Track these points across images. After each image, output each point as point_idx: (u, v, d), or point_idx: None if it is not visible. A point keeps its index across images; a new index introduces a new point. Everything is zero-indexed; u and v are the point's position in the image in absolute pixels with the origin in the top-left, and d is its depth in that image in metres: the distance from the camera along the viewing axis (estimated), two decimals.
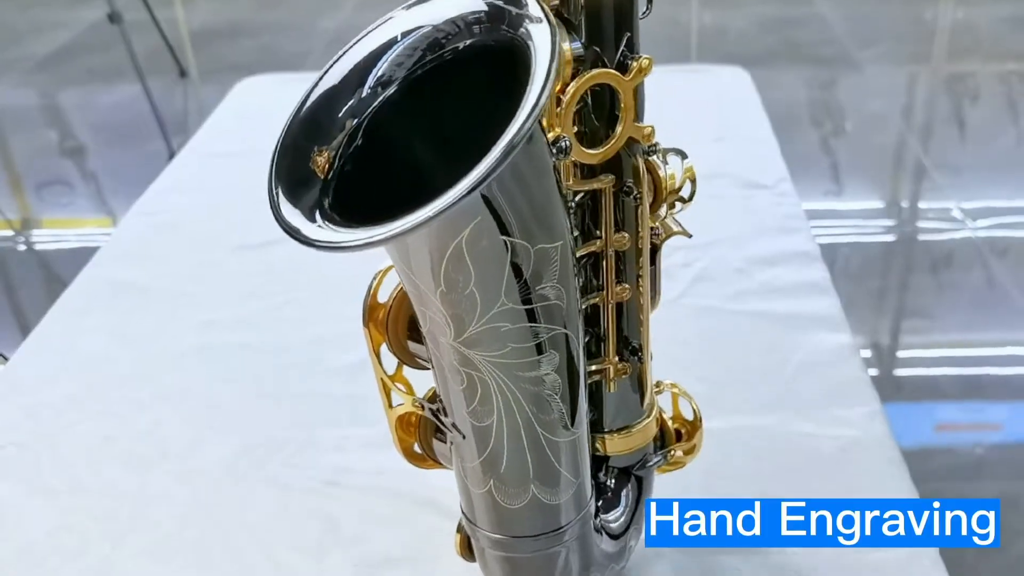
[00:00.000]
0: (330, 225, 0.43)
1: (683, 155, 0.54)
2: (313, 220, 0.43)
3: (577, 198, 0.52)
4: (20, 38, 2.76)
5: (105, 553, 0.66)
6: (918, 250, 1.70)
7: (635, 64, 0.48)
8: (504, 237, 0.44)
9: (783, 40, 2.68)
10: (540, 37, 0.43)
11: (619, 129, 0.50)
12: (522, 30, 0.44)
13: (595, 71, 0.48)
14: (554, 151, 0.46)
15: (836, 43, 2.65)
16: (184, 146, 1.42)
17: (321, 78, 0.48)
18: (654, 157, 0.52)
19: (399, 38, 0.48)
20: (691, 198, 0.54)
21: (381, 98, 0.48)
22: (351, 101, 0.48)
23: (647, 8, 0.49)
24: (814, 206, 1.79)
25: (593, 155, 0.50)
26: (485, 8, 0.46)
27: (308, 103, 0.47)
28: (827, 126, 2.21)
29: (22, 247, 1.79)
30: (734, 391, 0.78)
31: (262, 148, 0.45)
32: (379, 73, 0.48)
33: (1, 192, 1.99)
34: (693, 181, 0.54)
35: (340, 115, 0.48)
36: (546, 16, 0.44)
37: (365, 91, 0.48)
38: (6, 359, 0.93)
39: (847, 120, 2.25)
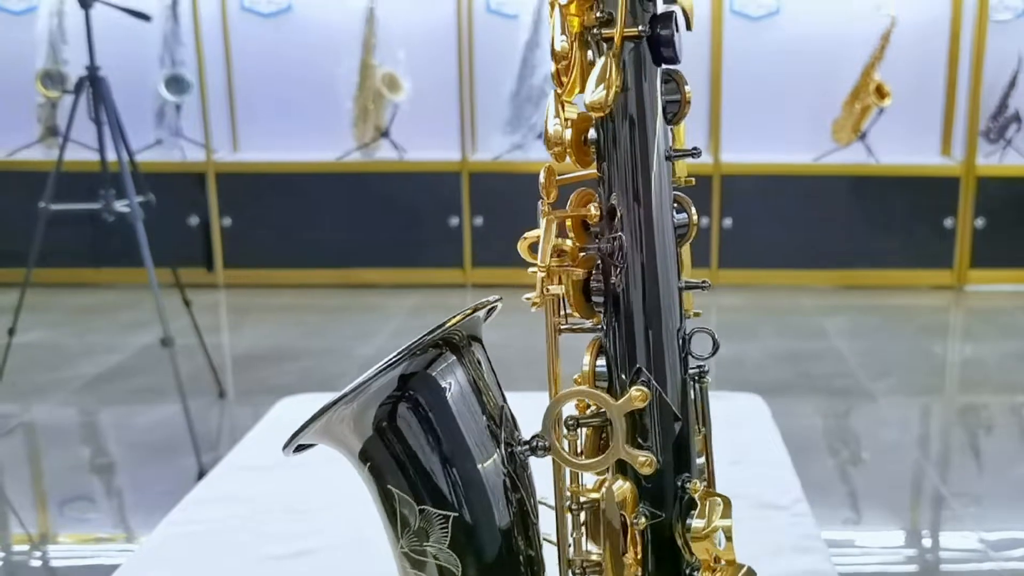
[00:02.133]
0: None
1: (725, 499, 0.56)
2: None
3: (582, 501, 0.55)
4: (73, 360, 2.93)
5: None
6: None
7: (632, 392, 0.53)
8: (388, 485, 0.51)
9: (798, 371, 2.78)
10: None
11: (608, 451, 0.53)
12: None
13: (580, 388, 0.53)
14: (527, 449, 0.51)
15: (850, 375, 2.74)
16: (217, 463, 1.48)
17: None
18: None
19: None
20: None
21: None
22: None
23: (713, 350, 0.55)
24: (834, 535, 1.79)
25: (576, 464, 0.54)
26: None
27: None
28: (844, 455, 2.24)
29: (36, 562, 1.80)
30: None
31: (297, 461, 0.52)
32: None
33: (26, 508, 2.03)
34: (729, 538, 0.56)
35: None
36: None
37: None
38: None
39: (863, 449, 2.28)
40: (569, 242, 0.56)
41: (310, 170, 3.75)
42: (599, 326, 0.55)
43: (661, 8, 0.52)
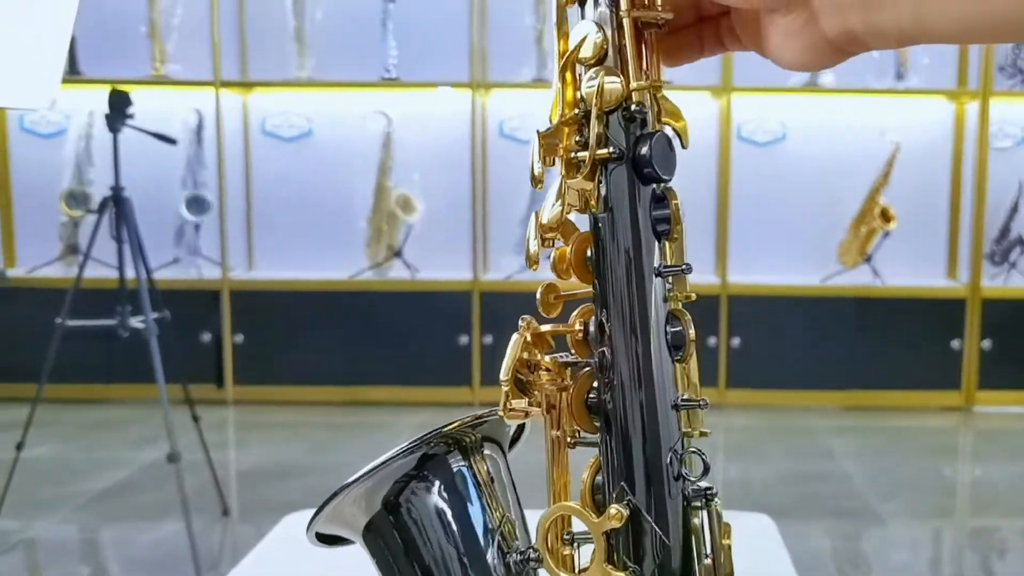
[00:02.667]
0: None
1: None
2: None
3: None
4: (79, 475, 2.93)
5: None
6: None
7: (611, 509, 0.54)
8: None
9: (806, 493, 2.75)
10: None
11: (590, 569, 0.54)
12: None
13: (563, 504, 0.55)
14: (519, 559, 0.52)
15: (858, 497, 2.71)
16: None
17: None
18: None
19: None
20: None
21: None
22: None
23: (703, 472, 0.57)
24: None
25: None
26: None
27: None
28: None
29: None
30: None
31: None
32: None
33: None
34: None
35: None
36: None
37: None
38: None
39: (873, 572, 2.24)
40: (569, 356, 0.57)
41: (323, 288, 3.81)
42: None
43: (647, 130, 0.55)
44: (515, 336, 0.55)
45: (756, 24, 0.54)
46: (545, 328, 0.57)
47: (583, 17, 0.55)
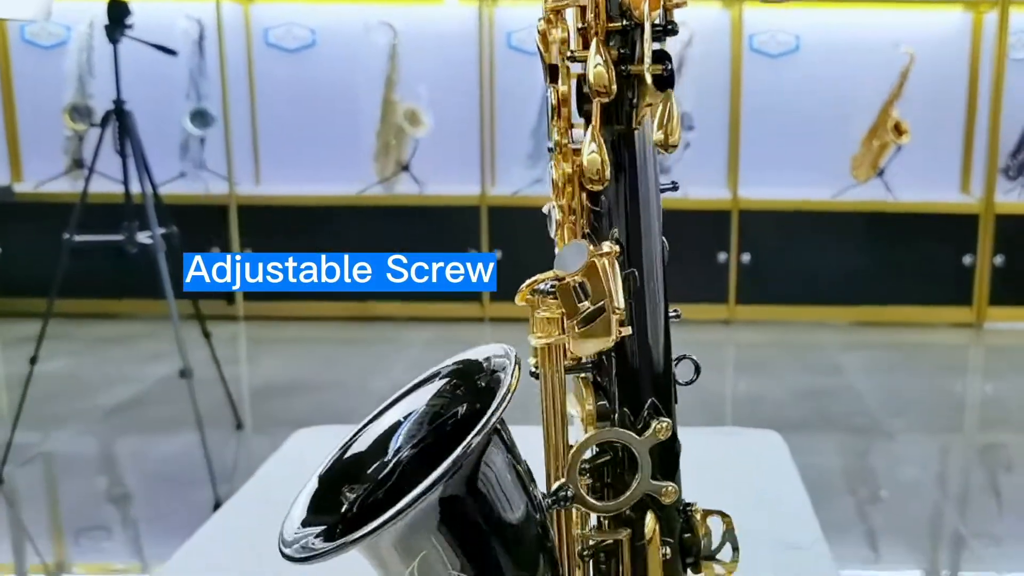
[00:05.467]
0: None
1: (725, 517, 0.55)
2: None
3: (591, 545, 0.55)
4: (93, 390, 2.95)
5: None
6: None
7: (654, 425, 0.53)
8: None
9: (816, 409, 2.77)
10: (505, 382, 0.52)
11: (634, 486, 0.53)
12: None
13: (605, 429, 0.53)
14: (552, 500, 0.51)
15: (868, 413, 2.73)
16: (233, 495, 1.48)
17: (354, 438, 0.58)
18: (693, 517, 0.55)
19: (405, 418, 0.58)
20: (735, 558, 0.55)
21: (397, 461, 0.57)
22: (375, 464, 0.57)
23: (695, 375, 0.55)
24: (852, 574, 1.77)
25: (603, 507, 0.54)
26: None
27: (345, 456, 0.56)
28: (862, 493, 2.22)
29: None
30: None
31: None
32: (397, 445, 0.57)
33: (43, 536, 2.05)
34: (735, 548, 0.56)
35: (369, 471, 0.57)
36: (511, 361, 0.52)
37: (388, 457, 0.57)
38: None
39: (882, 488, 2.27)
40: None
41: (330, 203, 3.79)
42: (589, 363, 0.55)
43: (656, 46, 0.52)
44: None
45: None
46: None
47: None
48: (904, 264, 3.73)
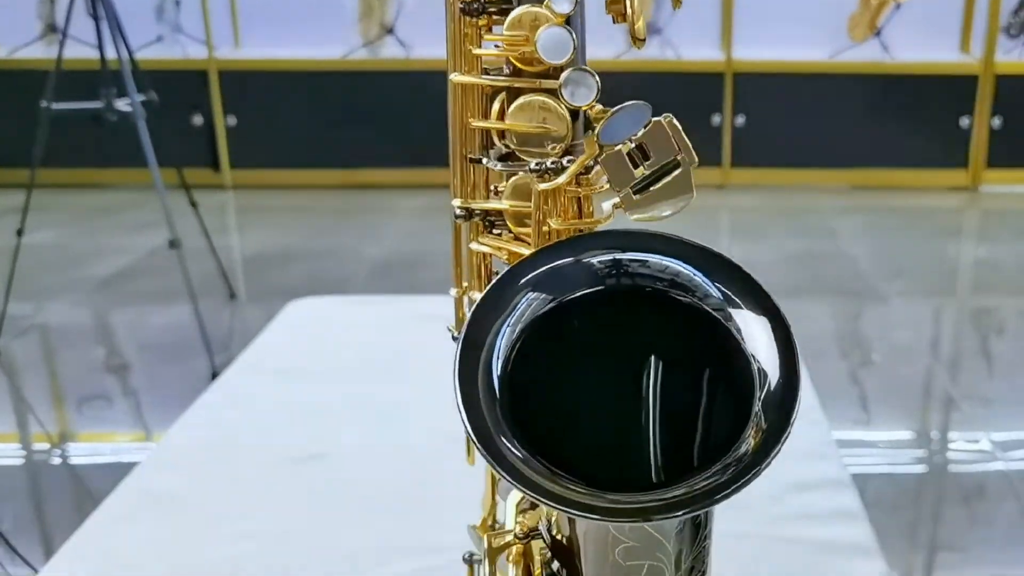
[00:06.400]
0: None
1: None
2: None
3: None
4: (82, 261, 2.93)
5: None
6: (949, 482, 1.68)
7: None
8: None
9: (810, 273, 2.77)
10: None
11: None
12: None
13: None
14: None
15: (861, 278, 2.73)
16: (229, 364, 1.48)
17: None
18: None
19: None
20: None
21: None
22: None
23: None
24: (844, 435, 1.80)
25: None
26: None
27: None
28: (855, 357, 2.24)
29: (57, 460, 1.82)
30: None
31: (307, 367, 0.51)
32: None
33: (44, 406, 2.06)
34: None
35: None
36: None
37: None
38: (36, 571, 0.95)
39: (874, 351, 2.29)
40: None
41: (314, 68, 3.68)
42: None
43: None
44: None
45: None
46: None
47: None
48: (900, 126, 3.68)
